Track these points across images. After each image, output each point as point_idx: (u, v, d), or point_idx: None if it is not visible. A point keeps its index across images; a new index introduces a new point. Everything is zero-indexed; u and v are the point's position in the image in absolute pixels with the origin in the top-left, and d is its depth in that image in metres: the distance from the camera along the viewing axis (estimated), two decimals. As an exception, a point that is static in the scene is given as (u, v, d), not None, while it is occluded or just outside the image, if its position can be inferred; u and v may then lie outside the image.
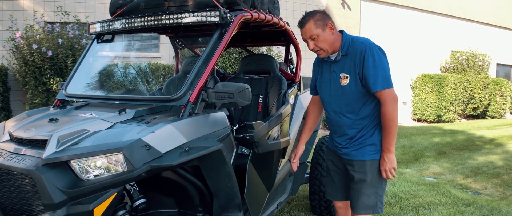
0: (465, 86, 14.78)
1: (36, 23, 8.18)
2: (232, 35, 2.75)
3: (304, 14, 2.65)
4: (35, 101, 7.75)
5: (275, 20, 3.40)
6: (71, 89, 3.17)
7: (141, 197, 2.36)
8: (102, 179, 2.11)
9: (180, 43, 4.44)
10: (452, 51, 16.49)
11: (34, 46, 7.38)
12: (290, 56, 4.55)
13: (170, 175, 2.51)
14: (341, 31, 2.71)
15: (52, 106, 3.18)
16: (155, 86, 8.47)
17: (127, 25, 3.05)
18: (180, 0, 2.98)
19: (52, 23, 8.38)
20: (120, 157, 2.11)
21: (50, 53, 7.43)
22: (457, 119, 14.95)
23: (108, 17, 3.49)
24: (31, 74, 7.58)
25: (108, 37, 3.47)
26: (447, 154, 8.34)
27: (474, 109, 15.63)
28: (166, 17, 2.82)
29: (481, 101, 15.52)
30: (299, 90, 3.92)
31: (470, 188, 5.83)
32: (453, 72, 15.45)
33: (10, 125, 2.71)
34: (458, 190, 5.65)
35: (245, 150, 3.42)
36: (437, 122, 14.27)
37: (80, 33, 8.34)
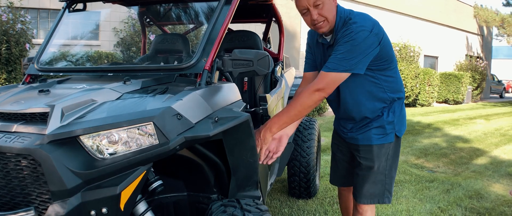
0: (398, 76, 15.50)
1: (-37, 6, 7.40)
2: (238, 1, 2.56)
3: None
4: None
5: None
6: (44, 62, 2.77)
7: (157, 178, 2.03)
8: (128, 156, 1.74)
9: (148, 20, 4.15)
10: (385, 42, 17.24)
11: (-36, 30, 6.66)
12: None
13: (183, 153, 2.16)
14: (336, 7, 2.28)
15: (21, 83, 2.70)
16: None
17: None
18: None
19: (-19, 6, 7.63)
20: (149, 128, 1.75)
21: (-19, 38, 6.74)
22: (391, 107, 15.64)
23: (41, 1, 3.09)
24: (-40, 61, 6.85)
25: (80, 6, 3.10)
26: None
27: (406, 97, 16.46)
28: None
29: (412, 90, 16.37)
30: (283, 68, 3.81)
31: (425, 167, 6.08)
32: (387, 63, 16.13)
33: None
34: (415, 169, 5.87)
35: None
36: (374, 110, 14.85)
37: (14, 17, 7.66)
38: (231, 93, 2.33)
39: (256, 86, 3.48)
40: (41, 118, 1.85)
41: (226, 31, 2.39)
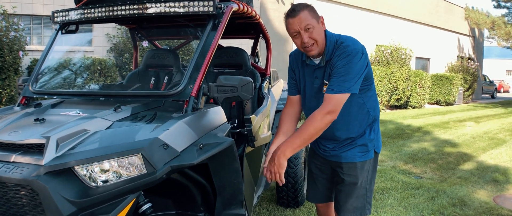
0: (390, 78, 15.66)
1: (-43, 14, 7.45)
2: (225, 26, 2.67)
3: (293, 4, 2.36)
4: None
5: (253, 12, 3.37)
6: (39, 85, 2.88)
7: (147, 201, 2.16)
8: (119, 185, 1.88)
9: (139, 35, 4.25)
10: (377, 45, 17.38)
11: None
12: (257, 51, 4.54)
13: (172, 175, 2.28)
14: (324, 31, 2.39)
15: (16, 105, 2.83)
16: (117, 80, 7.99)
17: (105, 14, 2.78)
18: None
19: (-26, 14, 7.68)
20: (136, 159, 1.89)
21: (-26, 46, 6.80)
22: (382, 109, 15.81)
23: (36, 8, 3.16)
24: (-46, 69, 6.91)
25: (73, 27, 3.19)
26: (383, 142, 8.79)
27: (398, 99, 16.62)
28: (151, 5, 2.65)
29: (404, 92, 16.55)
30: (270, 83, 3.93)
31: (412, 173, 6.22)
32: (378, 65, 16.30)
33: None
34: (402, 175, 6.00)
35: None
36: (366, 113, 14.99)
37: (7, 25, 7.72)
38: (217, 117, 2.44)
39: (244, 101, 3.59)
40: (38, 149, 1.96)
41: (212, 57, 2.50)
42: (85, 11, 2.90)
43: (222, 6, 2.66)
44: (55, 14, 3.08)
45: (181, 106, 2.40)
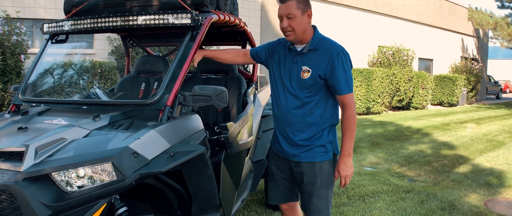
0: (392, 80, 15.69)
1: (-40, 18, 7.60)
2: (203, 37, 2.77)
3: None
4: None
5: (237, 21, 3.46)
6: (28, 93, 3.00)
7: (123, 205, 2.28)
8: (91, 190, 2.02)
9: (131, 41, 4.35)
10: (379, 46, 17.41)
11: (-41, 43, 6.86)
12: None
13: (148, 181, 2.42)
14: (314, 27, 2.64)
15: (7, 112, 2.98)
16: (107, 86, 8.12)
17: (89, 26, 2.93)
18: (143, 0, 2.94)
19: (-23, 18, 7.82)
20: (108, 166, 2.02)
21: (-23, 51, 6.94)
22: (384, 111, 15.84)
23: (39, 11, 3.31)
24: (-44, 73, 7.05)
25: (63, 37, 3.33)
26: (381, 144, 8.85)
27: (400, 101, 16.65)
28: (133, 18, 2.76)
29: (406, 93, 16.57)
30: (257, 89, 4.01)
31: (406, 175, 6.27)
32: (380, 66, 16.32)
33: None
34: (396, 178, 6.06)
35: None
36: (367, 114, 15.04)
37: (9, 29, 7.86)
38: (192, 125, 2.55)
39: (230, 106, 3.69)
40: (18, 156, 2.11)
41: (189, 67, 2.60)
42: (72, 23, 3.04)
43: (200, 18, 2.76)
44: (44, 26, 3.26)
45: (158, 115, 2.50)
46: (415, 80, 17.05)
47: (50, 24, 3.22)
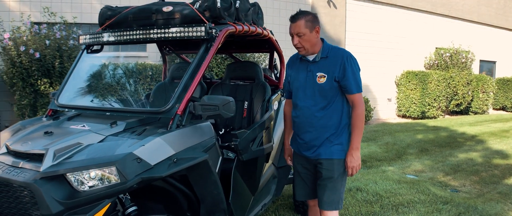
0: (449, 83, 15.08)
1: (22, 24, 8.20)
2: (217, 48, 2.89)
3: (298, 11, 2.90)
4: (22, 103, 7.79)
5: (259, 30, 3.54)
6: (62, 99, 3.28)
7: (132, 205, 2.51)
8: (97, 191, 2.26)
9: (167, 49, 4.55)
10: (436, 48, 16.78)
11: (22, 48, 7.42)
12: (274, 62, 4.70)
13: (160, 183, 2.66)
14: (322, 39, 2.97)
15: (44, 116, 3.29)
16: (144, 91, 8.53)
17: (116, 38, 3.17)
18: (167, 13, 3.09)
19: (38, 24, 8.39)
20: (113, 170, 2.26)
21: (37, 55, 7.47)
22: (440, 115, 15.25)
23: (95, 16, 3.58)
24: (19, 76, 7.62)
25: (97, 47, 3.58)
26: (429, 151, 8.57)
27: (458, 105, 15.96)
28: (154, 31, 2.95)
29: (464, 97, 15.86)
30: (283, 95, 4.07)
31: (450, 185, 6.05)
32: (437, 69, 15.73)
33: (5, 137, 2.85)
34: (437, 187, 5.85)
35: (230, 154, 3.58)
36: (421, 119, 14.56)
37: (67, 33, 8.38)
38: (200, 133, 2.70)
39: (255, 112, 3.79)
40: (39, 158, 2.40)
41: (201, 77, 2.75)
42: (103, 35, 3.29)
43: (214, 30, 2.87)
44: (80, 37, 3.59)
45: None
46: (474, 84, 16.27)
47: (85, 36, 3.49)
